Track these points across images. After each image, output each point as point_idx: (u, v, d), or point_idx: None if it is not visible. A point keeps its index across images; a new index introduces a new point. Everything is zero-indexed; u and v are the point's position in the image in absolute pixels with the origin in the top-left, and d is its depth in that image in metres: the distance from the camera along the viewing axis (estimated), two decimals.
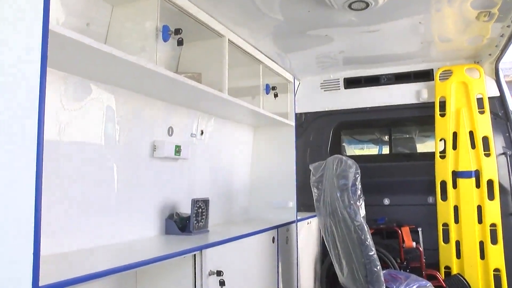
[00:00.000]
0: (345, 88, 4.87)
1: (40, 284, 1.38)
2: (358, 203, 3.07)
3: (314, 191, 3.53)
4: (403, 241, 4.25)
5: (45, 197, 1.42)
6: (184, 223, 2.76)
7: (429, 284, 3.41)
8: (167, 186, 2.83)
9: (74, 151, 2.15)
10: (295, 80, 4.33)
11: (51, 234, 1.95)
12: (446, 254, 4.35)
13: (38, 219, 1.38)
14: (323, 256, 4.54)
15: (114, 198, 2.38)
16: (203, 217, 2.83)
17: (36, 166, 1.38)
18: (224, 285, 2.41)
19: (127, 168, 2.49)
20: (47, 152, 1.43)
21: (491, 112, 4.26)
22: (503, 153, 4.27)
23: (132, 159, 2.55)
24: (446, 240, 4.36)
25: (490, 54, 4.07)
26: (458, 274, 4.24)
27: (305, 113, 4.98)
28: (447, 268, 4.35)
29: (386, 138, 5.28)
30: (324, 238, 3.56)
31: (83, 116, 2.21)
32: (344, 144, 5.29)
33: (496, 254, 4.17)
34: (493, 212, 4.20)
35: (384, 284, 3.16)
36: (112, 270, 1.78)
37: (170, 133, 2.89)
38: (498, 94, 4.29)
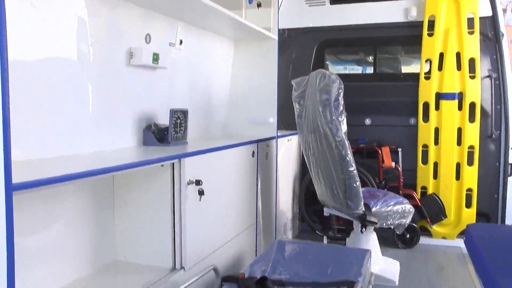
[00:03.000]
0: (330, 4, 4.69)
1: (14, 181, 1.31)
2: (340, 118, 3.02)
3: (296, 106, 3.46)
4: (383, 161, 4.28)
5: (15, 108, 1.29)
6: (162, 134, 2.68)
7: (406, 201, 3.47)
8: (145, 96, 2.71)
9: (45, 61, 1.99)
10: None
11: (23, 143, 1.86)
12: (424, 175, 4.42)
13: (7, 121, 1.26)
14: (302, 175, 4.57)
15: (90, 108, 2.26)
16: (182, 128, 2.74)
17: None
18: (203, 194, 2.38)
19: (102, 77, 2.35)
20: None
21: (480, 33, 4.17)
22: (488, 76, 4.23)
23: (108, 67, 2.40)
24: (425, 161, 4.41)
25: None
26: (434, 193, 4.34)
27: (288, 29, 4.81)
28: (424, 188, 4.44)
29: (371, 59, 5.18)
30: (305, 155, 3.54)
31: (54, 24, 2.03)
32: (327, 63, 5.18)
33: (471, 175, 4.26)
34: (473, 134, 4.23)
35: (363, 200, 3.19)
36: (88, 172, 1.71)
37: (148, 40, 2.73)
38: (490, 14, 4.17)
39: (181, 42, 3.06)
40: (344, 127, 3.06)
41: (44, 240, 1.98)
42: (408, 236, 4.21)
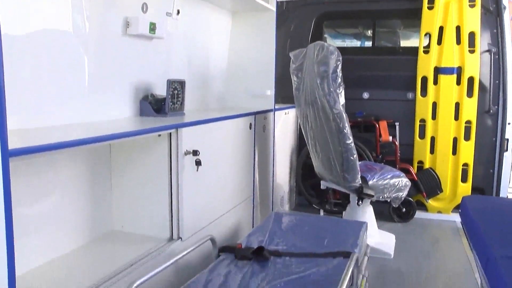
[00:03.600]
0: None
1: (10, 147, 1.29)
2: (338, 91, 3.00)
3: (294, 79, 3.44)
4: (380, 135, 4.28)
5: (10, 78, 1.27)
6: (159, 104, 2.66)
7: (402, 174, 3.48)
8: (142, 67, 2.68)
9: (40, 31, 1.96)
10: None
11: (18, 112, 1.83)
12: (421, 149, 4.42)
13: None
14: (300, 149, 4.57)
15: (86, 78, 2.23)
16: (179, 99, 2.72)
17: None
18: (200, 165, 2.38)
19: (98, 46, 2.31)
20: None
21: (482, 6, 4.12)
22: (488, 50, 4.20)
23: (104, 37, 2.36)
24: (422, 135, 4.41)
25: None
26: (430, 168, 4.35)
27: (287, 2, 4.74)
28: (420, 162, 4.45)
29: (369, 33, 5.13)
30: (302, 128, 3.54)
31: None
32: (326, 36, 5.13)
33: (467, 150, 4.27)
34: (470, 109, 4.22)
35: (360, 173, 3.19)
36: (84, 140, 1.70)
37: (145, 9, 2.68)
38: None
39: (178, 12, 3.01)
40: (342, 100, 3.05)
41: (41, 210, 1.98)
42: (404, 210, 4.24)
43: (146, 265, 2.03)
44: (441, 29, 4.21)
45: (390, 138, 4.30)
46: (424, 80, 4.32)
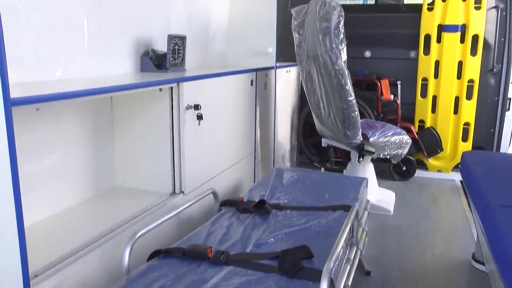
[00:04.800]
0: None
1: (12, 96, 1.29)
2: (340, 47, 2.97)
3: (295, 36, 3.40)
4: (382, 94, 4.27)
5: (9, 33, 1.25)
6: (160, 60, 2.64)
7: (403, 132, 3.48)
8: (142, 22, 2.64)
9: None
10: None
11: (18, 66, 1.82)
12: (422, 109, 4.42)
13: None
14: (301, 108, 4.57)
15: (85, 32, 2.21)
16: (180, 55, 2.70)
17: None
18: (202, 119, 2.38)
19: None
20: None
21: None
22: (495, 7, 4.13)
23: None
24: (424, 94, 4.39)
25: None
26: (431, 127, 4.36)
27: None
28: (421, 122, 4.45)
29: None
30: (304, 85, 3.52)
31: None
32: None
33: (469, 109, 4.27)
34: (473, 68, 4.19)
35: (361, 130, 3.20)
36: (86, 91, 1.69)
37: None
38: None
39: None
40: (344, 56, 3.02)
41: (44, 165, 1.99)
42: (404, 168, 4.27)
43: (149, 217, 2.07)
44: None
45: (392, 96, 4.29)
46: (427, 38, 4.27)
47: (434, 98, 4.36)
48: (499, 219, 1.56)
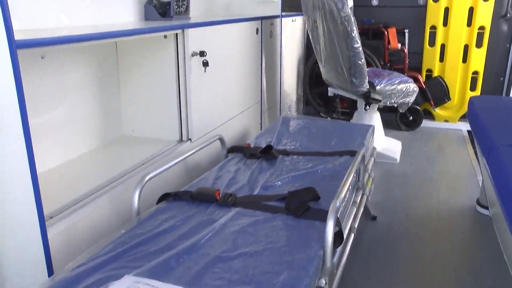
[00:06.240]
0: None
1: (16, 38, 1.29)
2: None
3: None
4: (389, 42, 4.20)
5: None
6: (165, 8, 2.60)
7: (410, 80, 3.45)
8: None
9: None
10: None
11: (21, 14, 1.81)
12: (430, 57, 4.36)
13: None
14: (307, 58, 4.52)
15: None
16: (184, 2, 2.66)
17: None
18: (208, 66, 2.37)
19: None
20: None
21: None
22: None
23: None
24: (432, 43, 4.33)
25: None
26: (439, 76, 4.31)
27: None
28: (429, 71, 4.40)
29: None
30: (310, 34, 3.47)
31: None
32: None
33: (478, 57, 4.20)
34: (485, 14, 4.09)
35: (367, 78, 3.18)
36: (91, 35, 1.68)
37: None
38: None
39: None
40: (350, 3, 2.96)
41: (51, 116, 2.00)
42: (411, 118, 4.26)
43: (157, 163, 2.10)
44: None
45: (399, 45, 4.23)
46: None
47: (443, 46, 4.29)
48: (503, 157, 1.57)
